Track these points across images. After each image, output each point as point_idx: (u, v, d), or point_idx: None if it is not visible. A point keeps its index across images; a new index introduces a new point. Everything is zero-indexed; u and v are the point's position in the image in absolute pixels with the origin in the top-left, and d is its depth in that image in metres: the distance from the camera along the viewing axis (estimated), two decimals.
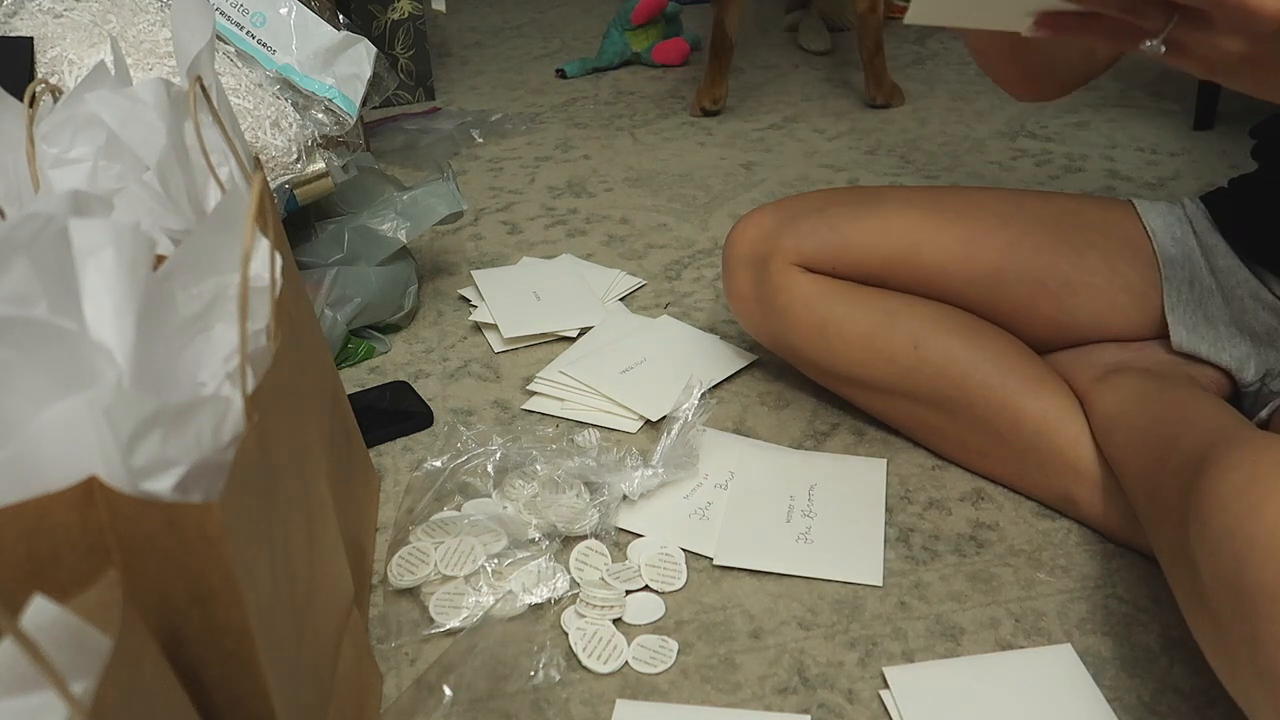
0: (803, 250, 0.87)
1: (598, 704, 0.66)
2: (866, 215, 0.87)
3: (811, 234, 0.87)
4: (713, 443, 0.89)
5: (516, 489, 0.82)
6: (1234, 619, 0.52)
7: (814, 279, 0.87)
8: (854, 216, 0.87)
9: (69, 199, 0.46)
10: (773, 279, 0.88)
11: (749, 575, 0.76)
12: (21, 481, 0.37)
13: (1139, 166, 1.50)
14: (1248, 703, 0.52)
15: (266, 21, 1.02)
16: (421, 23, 1.91)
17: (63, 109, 0.60)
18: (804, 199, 0.91)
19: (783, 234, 0.88)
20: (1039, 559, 0.77)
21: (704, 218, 1.39)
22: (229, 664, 0.42)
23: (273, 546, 0.47)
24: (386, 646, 0.71)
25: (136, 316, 0.41)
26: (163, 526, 0.38)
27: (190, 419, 0.41)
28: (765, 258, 0.88)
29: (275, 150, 0.98)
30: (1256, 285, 0.80)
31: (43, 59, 0.93)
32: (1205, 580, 0.54)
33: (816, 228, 0.87)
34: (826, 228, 0.87)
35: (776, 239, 0.88)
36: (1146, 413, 0.74)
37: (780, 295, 0.87)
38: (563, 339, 1.09)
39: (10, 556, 0.37)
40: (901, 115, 1.77)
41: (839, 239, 0.86)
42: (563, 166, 1.60)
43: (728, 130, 1.74)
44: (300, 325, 0.63)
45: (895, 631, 0.71)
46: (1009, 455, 0.82)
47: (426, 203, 1.10)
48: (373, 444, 0.91)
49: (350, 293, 1.04)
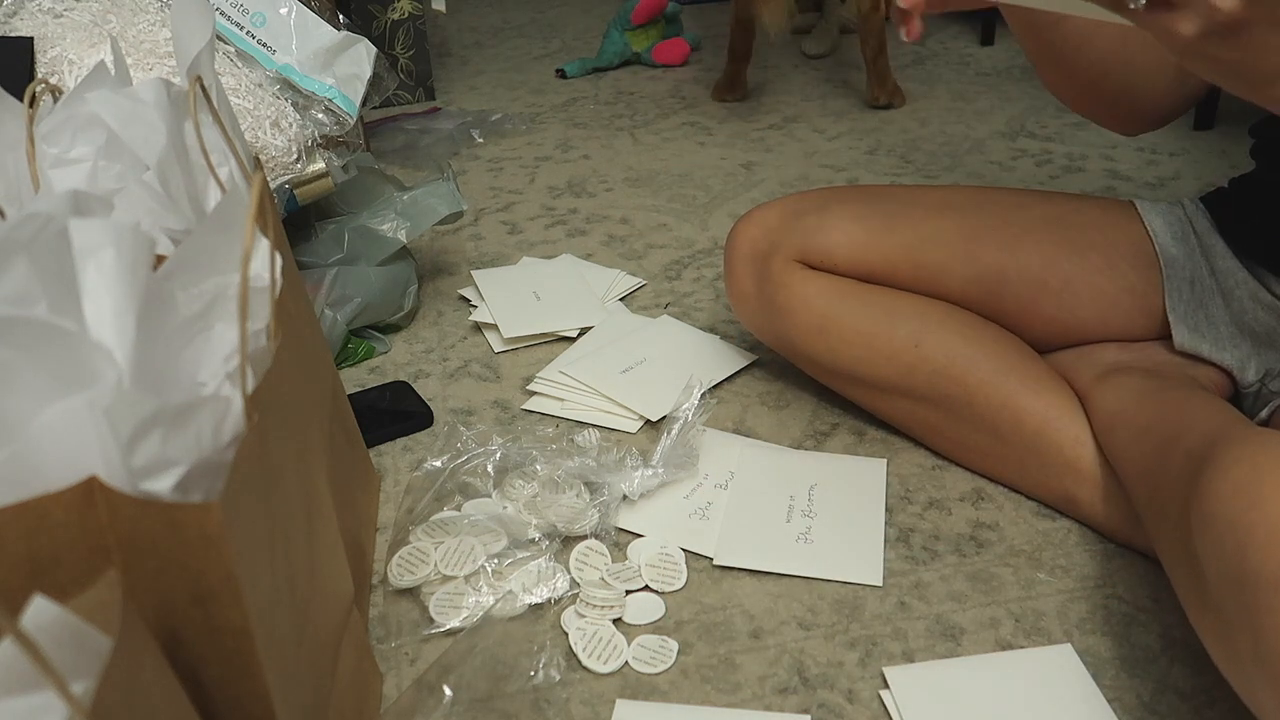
0: (805, 248, 0.87)
1: (598, 704, 0.66)
2: (869, 214, 0.87)
3: (814, 232, 0.87)
4: (713, 443, 0.89)
5: (516, 489, 0.82)
6: (1236, 611, 0.52)
7: (815, 276, 0.87)
8: (856, 215, 0.87)
9: (69, 199, 0.46)
10: (774, 276, 0.88)
11: (749, 575, 0.76)
12: (21, 481, 0.37)
13: (1139, 166, 1.50)
14: (1250, 695, 0.52)
15: (266, 21, 1.02)
16: (421, 23, 1.91)
17: (63, 109, 0.60)
18: (806, 197, 0.91)
19: (785, 232, 0.88)
20: (1039, 559, 0.77)
21: (704, 218, 1.39)
22: (229, 664, 0.42)
23: (273, 546, 0.47)
24: (386, 646, 0.71)
25: (136, 316, 0.41)
26: (163, 526, 0.38)
27: (190, 419, 0.41)
28: (767, 255, 0.88)
29: (275, 150, 0.98)
30: (1256, 286, 0.80)
31: (43, 59, 0.93)
32: (1207, 574, 0.55)
33: (819, 226, 0.87)
34: (829, 225, 0.87)
35: (779, 237, 0.88)
36: (1147, 411, 0.74)
37: (782, 293, 0.87)
38: (563, 339, 1.09)
39: (10, 556, 0.37)
40: (901, 115, 1.77)
41: (842, 237, 0.86)
42: (563, 166, 1.60)
43: (728, 130, 1.74)
44: (300, 325, 0.63)
45: (895, 631, 0.71)
46: (1009, 454, 0.82)
47: (426, 203, 1.10)
48: (373, 444, 0.91)
49: (350, 293, 1.04)
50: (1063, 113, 1.73)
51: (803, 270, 0.87)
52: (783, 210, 0.90)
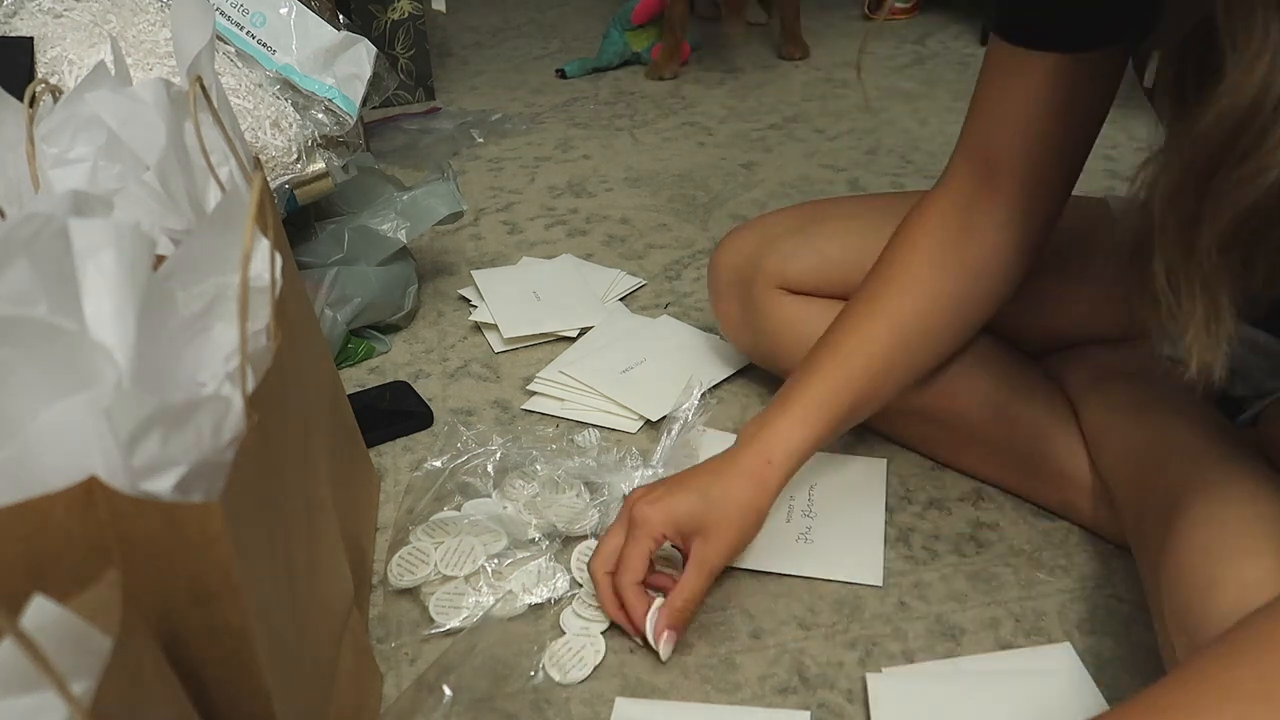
0: (785, 273, 0.86)
1: (598, 704, 0.66)
2: (845, 232, 0.86)
3: (792, 256, 0.86)
4: (713, 443, 0.89)
5: (516, 489, 0.82)
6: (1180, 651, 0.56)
7: (798, 300, 0.87)
8: (834, 234, 0.86)
9: (69, 199, 0.46)
10: (757, 303, 0.88)
11: (749, 575, 0.76)
12: (21, 481, 0.37)
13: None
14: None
15: (266, 22, 1.02)
16: (421, 23, 1.91)
17: (63, 109, 0.60)
18: (782, 217, 0.91)
19: (764, 257, 0.87)
20: (1039, 559, 0.77)
21: (704, 218, 1.39)
22: (229, 664, 0.42)
23: (273, 546, 0.47)
24: (386, 646, 0.71)
25: (136, 316, 0.41)
26: (163, 526, 0.38)
27: (190, 419, 0.41)
28: (748, 282, 0.88)
29: (275, 150, 0.98)
30: None
31: (43, 59, 0.93)
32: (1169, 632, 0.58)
33: (796, 249, 0.86)
34: (807, 248, 0.86)
35: (758, 262, 0.87)
36: (1133, 433, 0.74)
37: (766, 320, 0.87)
38: (563, 339, 1.09)
39: (10, 557, 0.37)
40: (901, 115, 1.77)
41: (820, 259, 0.86)
42: (563, 166, 1.60)
43: (728, 130, 1.74)
44: (300, 325, 0.63)
45: (895, 631, 0.71)
46: (1006, 463, 0.82)
47: (426, 203, 1.10)
48: (373, 444, 0.91)
49: (350, 293, 1.04)
50: None
51: (784, 295, 0.87)
52: (760, 234, 0.89)
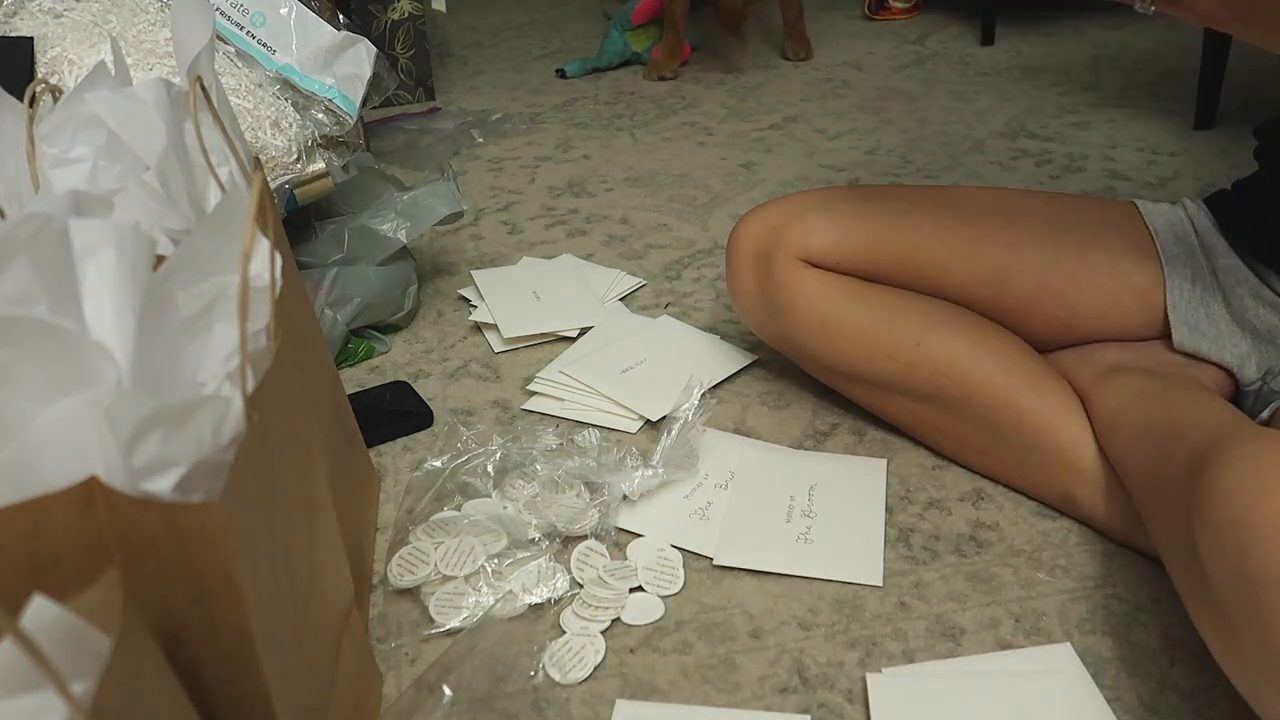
0: (807, 246, 0.87)
1: (598, 704, 0.66)
2: (870, 212, 0.87)
3: (816, 230, 0.87)
4: (713, 443, 0.89)
5: (516, 489, 0.82)
6: (1238, 609, 0.52)
7: (817, 275, 0.87)
8: (858, 213, 0.87)
9: (69, 199, 0.46)
10: (776, 274, 0.88)
11: (749, 575, 0.76)
12: (21, 481, 0.37)
13: (1139, 166, 1.50)
14: (1252, 692, 0.52)
15: (266, 21, 1.02)
16: (421, 23, 1.91)
17: (63, 109, 0.60)
18: (809, 195, 0.91)
19: (787, 229, 0.88)
20: (1039, 559, 0.77)
21: (704, 218, 1.39)
22: (229, 664, 0.42)
23: (273, 546, 0.47)
24: (386, 646, 0.71)
25: (136, 316, 0.41)
26: (163, 526, 0.38)
27: (190, 419, 0.41)
28: (769, 253, 0.88)
29: (275, 150, 0.98)
30: (1257, 283, 0.80)
31: (43, 59, 0.93)
32: (1210, 573, 0.55)
33: (821, 223, 0.87)
34: (831, 224, 0.87)
35: (781, 234, 0.88)
36: (1149, 411, 0.74)
37: (783, 291, 0.87)
38: (563, 339, 1.09)
39: (10, 557, 0.37)
40: (901, 115, 1.77)
41: (844, 235, 0.86)
42: (563, 166, 1.60)
43: (728, 130, 1.74)
44: (300, 325, 0.63)
45: (895, 631, 0.71)
46: (1010, 453, 0.82)
47: (426, 203, 1.10)
48: (373, 444, 0.91)
49: (350, 293, 1.04)
50: (1063, 112, 1.73)
51: (804, 268, 0.87)
52: (785, 208, 0.90)
